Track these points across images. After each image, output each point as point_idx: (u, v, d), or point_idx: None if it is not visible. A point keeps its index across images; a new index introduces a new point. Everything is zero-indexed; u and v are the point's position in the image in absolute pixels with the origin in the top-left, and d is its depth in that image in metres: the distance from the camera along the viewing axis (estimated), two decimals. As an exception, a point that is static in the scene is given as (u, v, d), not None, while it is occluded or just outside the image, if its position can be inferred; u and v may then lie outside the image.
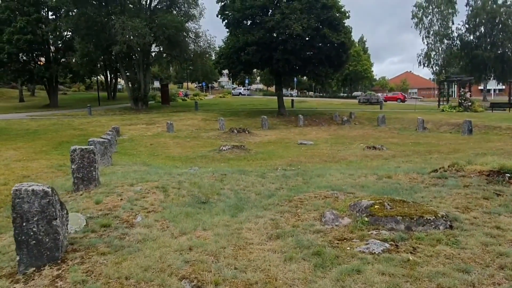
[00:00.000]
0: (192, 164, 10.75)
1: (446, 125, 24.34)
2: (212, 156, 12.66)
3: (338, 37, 28.39)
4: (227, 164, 10.65)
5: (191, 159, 11.99)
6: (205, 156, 12.56)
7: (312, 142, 18.65)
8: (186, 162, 11.39)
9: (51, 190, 3.57)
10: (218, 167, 9.62)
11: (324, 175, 6.71)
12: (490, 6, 53.82)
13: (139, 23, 33.33)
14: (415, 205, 4.37)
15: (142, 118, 30.07)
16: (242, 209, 4.71)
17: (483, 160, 6.64)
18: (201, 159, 11.90)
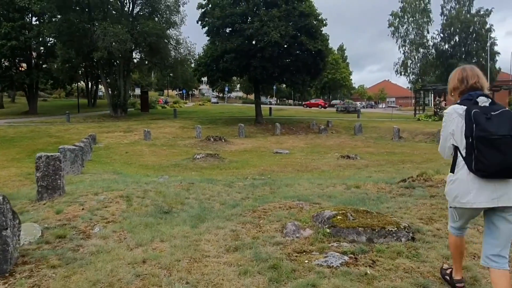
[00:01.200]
0: (164, 172, 10.54)
1: (421, 134, 24.75)
2: (185, 164, 12.47)
3: (315, 44, 28.69)
4: (199, 173, 10.49)
5: (164, 168, 11.79)
6: (178, 165, 12.37)
7: (287, 151, 18.65)
8: (159, 170, 11.18)
9: (2, 199, 3.37)
10: (188, 176, 9.45)
11: (293, 185, 6.63)
12: (464, 16, 55.21)
13: (120, 29, 33.10)
14: (379, 216, 4.31)
15: (120, 126, 29.64)
16: (204, 220, 4.57)
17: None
18: (174, 168, 11.70)
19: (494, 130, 2.45)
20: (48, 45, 42.50)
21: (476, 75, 2.79)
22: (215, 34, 31.31)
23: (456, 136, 2.67)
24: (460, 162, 2.66)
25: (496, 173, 2.48)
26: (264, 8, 29.78)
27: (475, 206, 2.59)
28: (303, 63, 29.98)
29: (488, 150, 2.46)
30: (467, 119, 2.56)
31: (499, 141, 2.44)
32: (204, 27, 32.09)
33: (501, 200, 2.52)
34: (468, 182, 2.59)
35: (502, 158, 2.44)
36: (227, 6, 29.42)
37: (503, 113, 2.52)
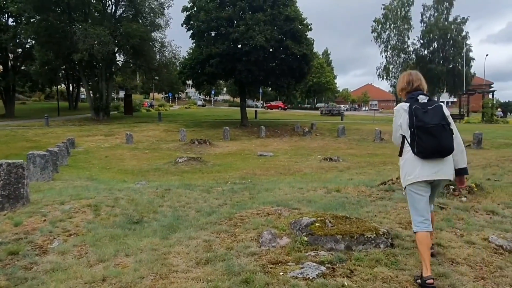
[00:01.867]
0: (144, 177, 10.29)
1: (404, 136, 24.88)
2: (166, 169, 12.22)
3: (300, 48, 28.69)
4: (180, 177, 10.27)
5: (144, 173, 11.52)
6: (159, 169, 12.11)
7: (271, 153, 18.52)
8: (138, 175, 10.91)
9: None
10: (168, 180, 9.23)
11: (273, 189, 6.48)
12: (442, 23, 56.61)
13: (102, 30, 32.57)
14: (358, 222, 4.19)
15: (102, 129, 29.13)
16: (176, 229, 4.38)
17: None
18: (154, 172, 11.45)
19: (428, 120, 3.10)
20: (25, 46, 41.68)
21: (419, 79, 3.44)
22: (200, 37, 31.06)
23: (403, 127, 3.28)
24: (407, 148, 3.28)
25: (432, 154, 3.14)
26: (250, 12, 29.65)
27: (421, 179, 3.18)
28: (288, 67, 29.95)
29: (425, 136, 3.10)
30: (410, 113, 3.19)
31: (433, 129, 3.09)
32: (189, 30, 31.81)
33: (438, 174, 3.18)
34: (414, 162, 3.20)
35: (436, 142, 3.10)
36: (212, 10, 29.22)
37: (436, 107, 3.17)
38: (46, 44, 35.38)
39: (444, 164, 3.20)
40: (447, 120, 3.17)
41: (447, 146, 3.14)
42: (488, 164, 10.28)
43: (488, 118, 36.37)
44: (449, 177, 3.26)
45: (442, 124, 3.11)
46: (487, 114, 36.93)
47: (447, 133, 3.14)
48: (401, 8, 60.54)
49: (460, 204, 5.39)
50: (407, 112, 3.22)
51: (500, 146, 19.47)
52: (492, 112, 37.44)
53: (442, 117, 3.14)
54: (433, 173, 3.17)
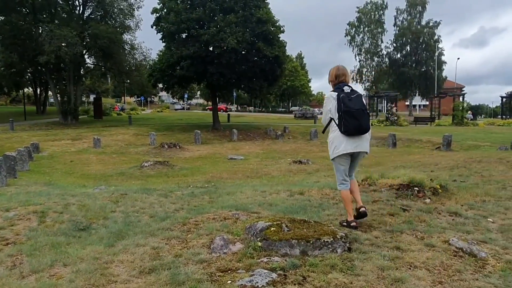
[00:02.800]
0: (105, 182, 9.87)
1: (373, 139, 25.09)
2: (131, 173, 11.81)
3: (273, 51, 28.63)
4: (143, 181, 9.90)
5: (107, 177, 11.08)
6: (123, 174, 11.68)
7: (242, 157, 18.30)
8: (100, 180, 10.47)
9: None
10: (130, 185, 8.87)
11: (235, 193, 6.25)
12: (414, 27, 57.66)
13: (69, 32, 31.58)
14: (316, 225, 4.00)
15: (69, 133, 28.23)
16: (124, 236, 4.09)
17: (396, 173, 6.54)
18: (118, 177, 11.02)
19: (353, 106, 3.98)
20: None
21: (344, 74, 4.27)
22: (170, 39, 30.58)
23: (332, 111, 4.17)
24: (334, 127, 4.20)
25: (354, 132, 4.06)
26: (221, 14, 29.43)
27: (346, 152, 4.15)
28: (261, 70, 29.83)
29: (350, 118, 3.99)
30: (338, 100, 4.07)
31: (356, 113, 3.99)
32: (159, 32, 31.27)
33: (358, 148, 4.16)
34: (340, 139, 4.14)
35: (358, 123, 4.01)
36: (182, 11, 28.82)
37: (358, 96, 4.10)
38: (11, 45, 34.14)
39: (362, 141, 4.17)
40: (365, 107, 4.13)
41: (366, 126, 4.10)
42: (456, 166, 10.38)
43: (459, 120, 37.28)
44: (366, 150, 4.24)
45: (362, 109, 4.05)
46: (458, 117, 37.85)
47: (366, 116, 4.09)
48: (374, 12, 61.39)
49: (424, 206, 5.30)
50: (335, 99, 4.10)
51: (469, 148, 19.89)
52: (462, 115, 38.38)
53: (362, 104, 4.08)
54: (354, 147, 4.14)
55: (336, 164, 4.34)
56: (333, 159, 4.33)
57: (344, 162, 4.27)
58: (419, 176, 6.01)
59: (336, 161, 4.31)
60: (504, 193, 6.41)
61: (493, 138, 22.96)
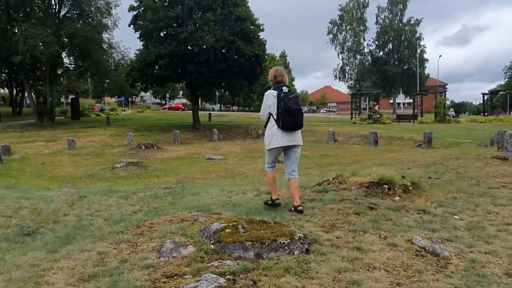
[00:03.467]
0: (73, 185, 9.52)
1: (355, 137, 25.18)
2: (102, 175, 11.44)
3: (252, 49, 28.42)
4: (112, 183, 9.58)
5: (76, 179, 10.70)
6: (93, 175, 11.31)
7: (221, 156, 18.05)
8: (67, 182, 10.10)
9: None
10: (96, 187, 8.55)
11: (200, 193, 6.02)
12: (396, 25, 58.01)
13: (44, 31, 30.79)
14: (275, 226, 3.80)
15: (44, 135, 27.53)
16: (72, 241, 3.82)
17: (368, 171, 6.39)
18: (86, 179, 10.66)
19: (291, 105, 4.50)
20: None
21: (282, 74, 4.79)
22: (148, 38, 30.12)
23: (271, 108, 4.64)
24: (272, 122, 4.67)
25: (290, 128, 4.59)
26: (199, 12, 29.11)
27: (281, 145, 4.71)
28: (240, 68, 29.62)
29: (288, 116, 4.50)
30: (278, 99, 4.54)
31: (294, 112, 4.51)
32: (137, 30, 30.78)
33: (292, 141, 4.71)
34: (277, 133, 4.63)
35: (294, 120, 4.55)
36: (160, 9, 28.41)
37: (295, 96, 4.63)
38: (-18, 45, 33.23)
39: (296, 135, 4.74)
40: (300, 107, 4.71)
41: (300, 123, 4.67)
42: (433, 163, 10.33)
43: (441, 118, 37.56)
44: (299, 143, 4.82)
45: (298, 109, 4.61)
46: (440, 114, 38.12)
47: (301, 115, 4.63)
48: (356, 10, 61.58)
49: (392, 204, 5.16)
50: (275, 97, 4.59)
51: (450, 145, 20.02)
52: (444, 112, 38.67)
53: (298, 104, 4.67)
54: (288, 141, 4.70)
55: (269, 153, 4.96)
56: (268, 149, 4.92)
57: (277, 152, 4.95)
58: (389, 174, 5.87)
59: (270, 151, 4.92)
60: (477, 190, 6.33)
61: (474, 135, 23.18)
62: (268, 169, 5.04)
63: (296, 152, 4.90)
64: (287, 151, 4.86)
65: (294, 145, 4.79)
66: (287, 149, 4.84)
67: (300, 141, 4.83)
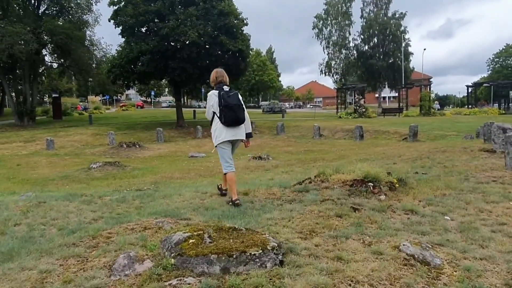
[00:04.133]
0: (43, 187, 8.97)
1: (341, 132, 24.90)
2: (76, 176, 10.88)
3: (236, 44, 27.89)
4: (85, 185, 9.05)
5: (48, 181, 10.13)
6: (67, 177, 10.74)
7: (204, 154, 17.56)
8: (37, 185, 9.53)
9: None
10: (66, 190, 8.02)
11: (172, 196, 5.56)
12: (381, 18, 57.85)
13: (22, 28, 29.83)
14: (247, 234, 3.37)
15: (23, 135, 26.67)
16: (14, 257, 3.33)
17: (352, 168, 6.01)
18: (59, 181, 10.09)
19: (231, 102, 4.80)
20: None
21: (222, 75, 5.08)
22: (129, 34, 29.36)
23: (214, 107, 4.93)
24: (216, 120, 4.98)
25: (232, 123, 4.91)
26: (181, 6, 28.43)
27: (227, 139, 4.97)
28: (224, 64, 28.94)
29: (228, 112, 4.82)
30: (219, 97, 4.85)
31: (233, 107, 4.82)
32: (117, 26, 29.96)
33: (236, 136, 5.05)
34: (222, 129, 4.94)
35: (235, 115, 4.87)
36: (141, 3, 27.65)
37: (234, 94, 4.95)
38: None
39: (239, 130, 5.06)
40: (241, 102, 4.98)
41: (241, 118, 4.95)
42: (419, 157, 10.02)
43: (426, 111, 37.57)
44: (242, 137, 5.18)
45: (238, 104, 4.90)
46: (425, 107, 38.14)
47: (241, 110, 4.93)
48: (341, 4, 61.20)
49: (377, 203, 4.78)
50: (217, 96, 4.89)
51: (436, 138, 19.84)
52: (429, 105, 38.69)
53: (238, 100, 4.95)
54: (232, 135, 4.99)
55: (220, 150, 5.16)
56: (216, 146, 5.16)
57: (226, 147, 5.12)
58: (374, 170, 5.49)
59: (220, 147, 5.14)
60: (466, 185, 5.99)
61: (459, 127, 23.09)
62: (227, 169, 5.13)
63: (237, 146, 5.45)
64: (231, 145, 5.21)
65: (238, 139, 5.18)
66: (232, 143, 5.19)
67: (243, 135, 5.20)
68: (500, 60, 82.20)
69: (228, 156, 5.15)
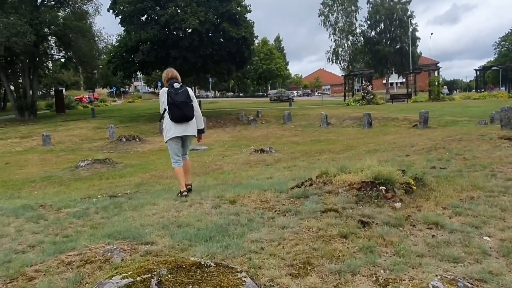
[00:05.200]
0: (17, 191, 8.13)
1: (349, 119, 23.80)
2: (60, 176, 10.02)
3: (239, 31, 26.75)
4: (64, 187, 8.18)
5: (26, 184, 9.26)
6: (50, 177, 9.88)
7: (206, 147, 16.63)
8: (12, 189, 8.66)
9: None
10: (42, 193, 7.18)
11: (145, 206, 4.64)
12: (388, 3, 56.27)
13: (17, 19, 28.98)
14: (215, 274, 2.43)
15: (21, 131, 26.01)
16: None
17: (360, 165, 5.02)
18: (38, 183, 9.22)
19: (177, 99, 5.15)
20: None
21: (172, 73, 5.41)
22: (128, 22, 28.35)
23: (164, 103, 5.26)
24: (167, 115, 5.30)
25: (180, 120, 5.24)
26: (181, -7, 27.27)
27: (176, 135, 5.31)
28: (227, 52, 27.95)
29: (176, 109, 5.17)
30: (168, 94, 5.20)
31: (180, 104, 5.16)
32: (117, 15, 28.98)
33: (185, 132, 5.36)
34: (171, 125, 5.29)
35: (181, 112, 5.20)
36: (137, -11, 26.56)
37: (183, 91, 5.25)
38: (-45, 37, 31.43)
39: (189, 126, 5.31)
40: (189, 99, 5.24)
41: (189, 115, 5.23)
42: (434, 147, 8.99)
43: (435, 96, 36.39)
44: (193, 133, 5.43)
45: (186, 102, 5.18)
46: (434, 92, 36.97)
47: (188, 107, 5.21)
48: (348, -11, 59.81)
49: (392, 214, 3.80)
50: (166, 93, 5.17)
51: (447, 124, 18.74)
52: (438, 90, 37.47)
53: (187, 97, 5.20)
54: (181, 131, 5.27)
55: (169, 145, 5.41)
56: (166, 141, 5.40)
57: (176, 143, 5.34)
58: (386, 170, 4.50)
59: (169, 143, 5.38)
60: (495, 183, 4.99)
61: (471, 112, 21.91)
62: (175, 164, 5.43)
63: (189, 141, 5.56)
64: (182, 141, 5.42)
65: (187, 135, 5.39)
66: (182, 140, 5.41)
67: (192, 130, 5.38)
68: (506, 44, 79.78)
69: (175, 153, 5.39)
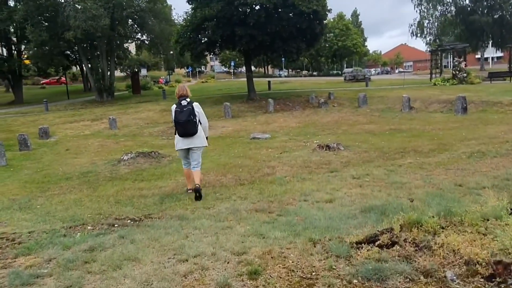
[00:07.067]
0: (43, 193, 7.13)
1: (436, 103, 20.58)
2: (99, 172, 8.96)
3: (310, 5, 24.23)
4: (89, 194, 6.98)
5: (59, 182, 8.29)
6: (87, 174, 8.84)
7: (269, 135, 14.99)
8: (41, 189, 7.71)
9: None
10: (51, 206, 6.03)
11: (122, 266, 3.09)
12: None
13: (93, 3, 29.51)
14: None
15: (96, 113, 26.51)
16: None
17: (480, 209, 2.99)
18: (71, 181, 8.20)
19: (180, 118, 6.01)
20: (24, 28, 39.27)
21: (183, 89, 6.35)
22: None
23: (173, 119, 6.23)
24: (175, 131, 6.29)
25: (183, 135, 6.14)
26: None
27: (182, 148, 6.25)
28: (297, 28, 25.58)
29: (179, 127, 6.11)
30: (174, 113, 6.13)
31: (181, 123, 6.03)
32: (184, -7, 27.96)
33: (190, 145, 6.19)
34: (178, 139, 6.24)
35: (183, 130, 6.10)
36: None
37: (187, 109, 6.00)
38: (39, 24, 32.86)
39: (194, 139, 6.17)
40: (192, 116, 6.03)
41: (191, 132, 6.08)
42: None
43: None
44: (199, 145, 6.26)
45: (188, 120, 5.98)
46: (545, 68, 31.02)
47: (190, 125, 6.03)
48: (436, -49, 53.27)
49: None
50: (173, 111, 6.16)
51: None
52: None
53: (189, 115, 5.99)
54: (186, 144, 6.19)
55: (178, 154, 6.63)
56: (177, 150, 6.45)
57: (183, 154, 6.38)
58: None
59: (177, 152, 6.53)
60: None
61: None
62: (184, 166, 6.49)
63: (196, 152, 6.27)
64: (189, 152, 6.27)
65: (192, 147, 6.21)
66: (189, 151, 6.26)
67: (197, 143, 6.21)
68: None
69: (184, 158, 6.41)
